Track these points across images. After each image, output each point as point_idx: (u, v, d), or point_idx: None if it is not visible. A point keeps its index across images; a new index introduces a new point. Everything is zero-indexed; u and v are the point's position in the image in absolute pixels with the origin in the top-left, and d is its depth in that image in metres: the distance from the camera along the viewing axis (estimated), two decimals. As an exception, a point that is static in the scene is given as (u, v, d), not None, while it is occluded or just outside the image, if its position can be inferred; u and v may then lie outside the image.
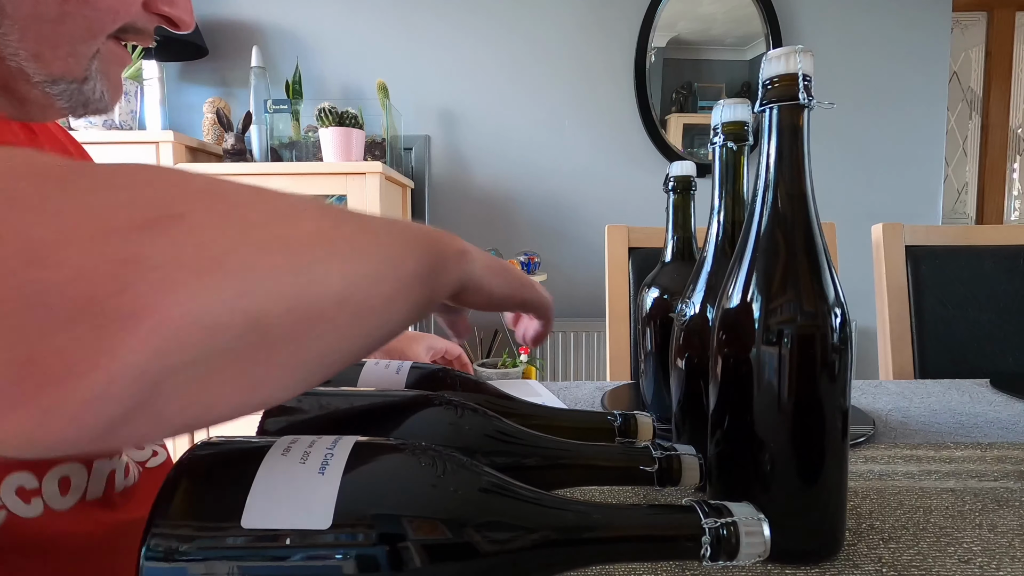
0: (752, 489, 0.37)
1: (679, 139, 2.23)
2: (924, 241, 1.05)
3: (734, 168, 0.49)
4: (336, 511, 0.23)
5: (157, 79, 1.89)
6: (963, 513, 0.43)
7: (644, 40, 2.17)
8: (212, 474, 0.25)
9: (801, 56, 0.35)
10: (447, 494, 0.26)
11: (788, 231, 0.36)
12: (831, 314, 0.35)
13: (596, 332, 2.11)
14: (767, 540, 0.27)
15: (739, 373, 0.37)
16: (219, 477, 0.25)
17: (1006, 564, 0.37)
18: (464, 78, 2.18)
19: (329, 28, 2.16)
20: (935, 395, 0.75)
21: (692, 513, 0.28)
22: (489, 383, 0.48)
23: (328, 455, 0.26)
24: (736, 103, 0.48)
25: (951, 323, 1.02)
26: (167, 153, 1.64)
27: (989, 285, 1.02)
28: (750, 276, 0.37)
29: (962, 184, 2.68)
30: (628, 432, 0.45)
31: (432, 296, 0.30)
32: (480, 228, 2.21)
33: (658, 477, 0.36)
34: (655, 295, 0.62)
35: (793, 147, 0.36)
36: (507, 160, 2.21)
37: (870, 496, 0.46)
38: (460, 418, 0.36)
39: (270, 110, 1.88)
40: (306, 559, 0.23)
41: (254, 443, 0.27)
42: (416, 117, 2.17)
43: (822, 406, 0.35)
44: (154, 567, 0.22)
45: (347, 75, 2.17)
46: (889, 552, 0.38)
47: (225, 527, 0.23)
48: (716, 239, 0.49)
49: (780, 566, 0.36)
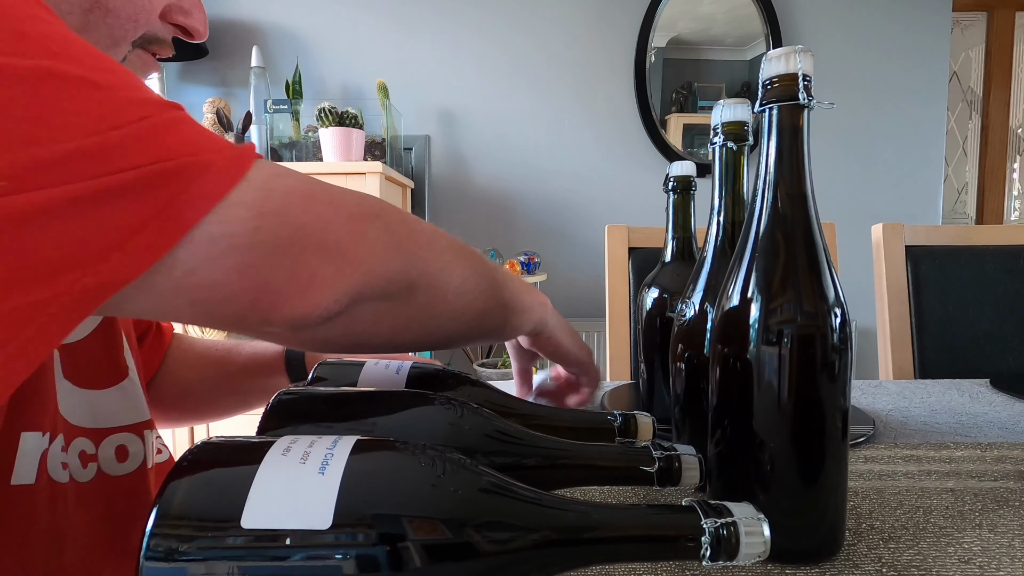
0: (752, 489, 0.37)
1: (679, 139, 2.23)
2: (924, 241, 1.05)
3: (734, 168, 0.49)
4: (336, 511, 0.23)
5: (157, 79, 1.90)
6: (963, 513, 0.43)
7: (644, 40, 2.17)
8: (212, 474, 0.25)
9: (801, 56, 0.35)
10: (447, 494, 0.26)
11: (788, 231, 0.36)
12: (831, 314, 0.35)
13: (596, 332, 2.11)
14: (767, 540, 0.27)
15: (739, 373, 0.37)
16: (219, 477, 0.25)
17: (1006, 564, 0.37)
18: (464, 78, 2.18)
19: (329, 28, 2.16)
20: (935, 395, 0.75)
21: (692, 513, 0.28)
22: (489, 383, 0.48)
23: (328, 455, 0.26)
24: (736, 103, 0.48)
25: (951, 323, 1.02)
26: (167, 153, 1.64)
27: (989, 285, 1.02)
28: (750, 276, 0.37)
29: (962, 184, 2.68)
30: (628, 432, 0.45)
31: (507, 323, 0.45)
32: (480, 228, 2.21)
33: (658, 477, 0.36)
34: (655, 295, 0.62)
35: (793, 147, 0.36)
36: (507, 160, 2.21)
37: (870, 496, 0.46)
38: (460, 418, 0.36)
39: (270, 110, 1.88)
40: (306, 559, 0.23)
41: (254, 443, 0.27)
42: (416, 117, 2.17)
43: (822, 406, 0.35)
44: (154, 567, 0.22)
45: (347, 75, 2.17)
46: (889, 552, 0.38)
47: (225, 527, 0.23)
48: (716, 239, 0.49)
49: (780, 566, 0.36)
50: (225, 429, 1.69)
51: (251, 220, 0.28)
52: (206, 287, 0.28)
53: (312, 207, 0.31)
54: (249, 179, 0.29)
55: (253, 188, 0.29)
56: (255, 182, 0.29)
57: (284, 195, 0.30)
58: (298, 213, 0.30)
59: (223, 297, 0.29)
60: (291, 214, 0.30)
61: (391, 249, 0.34)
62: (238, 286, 0.29)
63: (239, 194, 0.28)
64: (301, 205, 0.31)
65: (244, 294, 0.29)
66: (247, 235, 0.28)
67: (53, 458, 0.39)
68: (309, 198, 0.31)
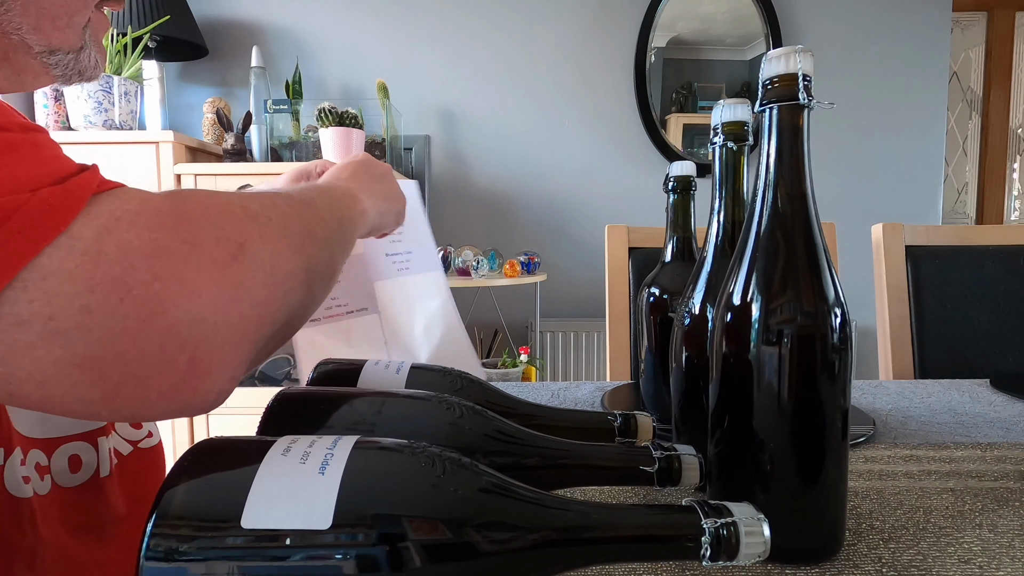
0: (752, 489, 0.37)
1: (679, 139, 2.23)
2: (924, 241, 1.05)
3: (734, 168, 0.49)
4: (336, 511, 0.23)
5: (157, 79, 1.89)
6: (963, 513, 0.43)
7: (644, 40, 2.17)
8: (212, 474, 0.25)
9: (801, 56, 0.35)
10: (447, 494, 0.26)
11: (788, 231, 0.36)
12: (831, 314, 0.35)
13: (596, 332, 2.11)
14: (767, 540, 0.27)
15: (739, 373, 0.37)
16: (219, 477, 0.25)
17: (1006, 564, 0.37)
18: (464, 78, 2.18)
19: (329, 28, 2.16)
20: (935, 395, 0.75)
21: (692, 513, 0.28)
22: (489, 383, 0.48)
23: (328, 455, 0.26)
24: (736, 103, 0.48)
25: (951, 323, 1.02)
26: (167, 153, 1.64)
27: (989, 285, 1.02)
28: (750, 276, 0.37)
29: (962, 184, 2.68)
30: (628, 432, 0.45)
31: (354, 240, 0.47)
32: (480, 228, 2.21)
33: (658, 477, 0.36)
34: (655, 295, 0.62)
35: (793, 147, 0.36)
36: (507, 160, 2.21)
37: (870, 496, 0.46)
38: (460, 418, 0.36)
39: (270, 110, 1.88)
40: (306, 559, 0.23)
41: (254, 443, 0.27)
42: (416, 117, 2.17)
43: (822, 406, 0.35)
44: (154, 567, 0.22)
45: (347, 75, 2.17)
46: (889, 552, 0.38)
47: (225, 527, 0.23)
48: (716, 239, 0.49)
49: (780, 566, 0.36)
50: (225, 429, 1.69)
51: (77, 297, 0.21)
52: (23, 383, 0.22)
53: (165, 268, 0.24)
54: (73, 234, 0.21)
55: (78, 250, 0.21)
56: (83, 239, 0.22)
57: (122, 257, 0.22)
58: (145, 283, 0.23)
59: (59, 396, 0.23)
60: (134, 285, 0.23)
61: (270, 289, 0.29)
62: (77, 381, 0.23)
63: (57, 258, 0.21)
64: (147, 270, 0.23)
65: (89, 393, 0.23)
66: (73, 317, 0.21)
67: (12, 472, 0.37)
68: (157, 256, 0.23)
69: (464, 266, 1.80)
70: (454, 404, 0.37)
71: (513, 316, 2.19)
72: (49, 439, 0.40)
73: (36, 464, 0.39)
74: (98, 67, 0.42)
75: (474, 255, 1.79)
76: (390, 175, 0.57)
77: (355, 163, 0.54)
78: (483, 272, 1.79)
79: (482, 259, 1.80)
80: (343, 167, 0.53)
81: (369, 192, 0.51)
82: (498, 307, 2.15)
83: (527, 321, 2.20)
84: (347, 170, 0.53)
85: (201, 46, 1.98)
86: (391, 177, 0.57)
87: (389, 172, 0.57)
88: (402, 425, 0.35)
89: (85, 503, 0.42)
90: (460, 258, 1.81)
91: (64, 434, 0.41)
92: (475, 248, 1.86)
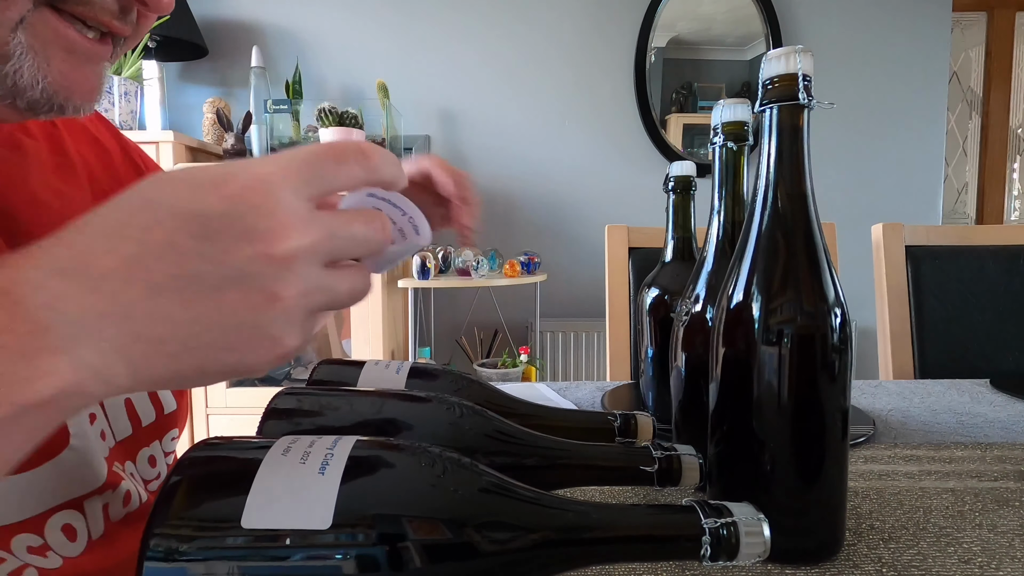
0: (752, 489, 0.37)
1: (679, 139, 2.23)
2: (924, 241, 1.05)
3: (734, 168, 0.49)
4: (336, 511, 0.23)
5: (157, 79, 1.89)
6: (963, 513, 0.43)
7: (644, 40, 2.17)
8: (212, 474, 0.25)
9: (801, 56, 0.35)
10: (447, 494, 0.26)
11: (788, 231, 0.36)
12: (831, 314, 0.35)
13: (596, 332, 2.11)
14: (767, 540, 0.27)
15: (739, 373, 0.37)
16: (219, 477, 0.25)
17: (1006, 564, 0.37)
18: (464, 78, 2.18)
19: (329, 28, 2.16)
20: (935, 395, 0.75)
21: (692, 513, 0.28)
22: (489, 383, 0.48)
23: (328, 455, 0.26)
24: (736, 103, 0.48)
25: (951, 323, 1.02)
26: (167, 153, 1.64)
27: (989, 285, 1.02)
28: (750, 276, 0.37)
29: (962, 184, 2.68)
30: (628, 432, 0.45)
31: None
32: (480, 228, 2.20)
33: (658, 477, 0.36)
34: (655, 295, 0.62)
35: (793, 147, 0.36)
36: (507, 160, 2.21)
37: (870, 496, 0.46)
38: (460, 418, 0.36)
39: (270, 110, 1.88)
40: (306, 559, 0.23)
41: (254, 443, 0.27)
42: (416, 117, 2.17)
43: (822, 406, 0.35)
44: (155, 567, 0.22)
45: (347, 75, 2.17)
46: (889, 552, 0.38)
47: (225, 527, 0.23)
48: (716, 239, 0.49)
49: (780, 566, 0.36)
50: (225, 429, 1.69)
51: None
52: None
53: None
54: None
55: None
56: None
57: None
58: None
59: None
60: None
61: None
62: None
63: None
64: None
65: None
66: None
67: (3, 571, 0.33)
68: None
69: (464, 266, 1.80)
70: (454, 404, 0.37)
71: (513, 316, 2.19)
72: (35, 517, 0.35)
73: (28, 547, 0.34)
74: (43, 89, 0.30)
75: (474, 255, 1.79)
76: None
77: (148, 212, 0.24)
78: (483, 272, 1.79)
79: (482, 259, 1.80)
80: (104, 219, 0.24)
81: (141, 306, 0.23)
82: (498, 307, 2.15)
83: (527, 321, 2.20)
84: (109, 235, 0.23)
85: (201, 46, 1.98)
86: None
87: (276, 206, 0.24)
88: (402, 425, 0.35)
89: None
90: (460, 258, 1.81)
91: (49, 507, 0.36)
92: (475, 248, 1.86)
